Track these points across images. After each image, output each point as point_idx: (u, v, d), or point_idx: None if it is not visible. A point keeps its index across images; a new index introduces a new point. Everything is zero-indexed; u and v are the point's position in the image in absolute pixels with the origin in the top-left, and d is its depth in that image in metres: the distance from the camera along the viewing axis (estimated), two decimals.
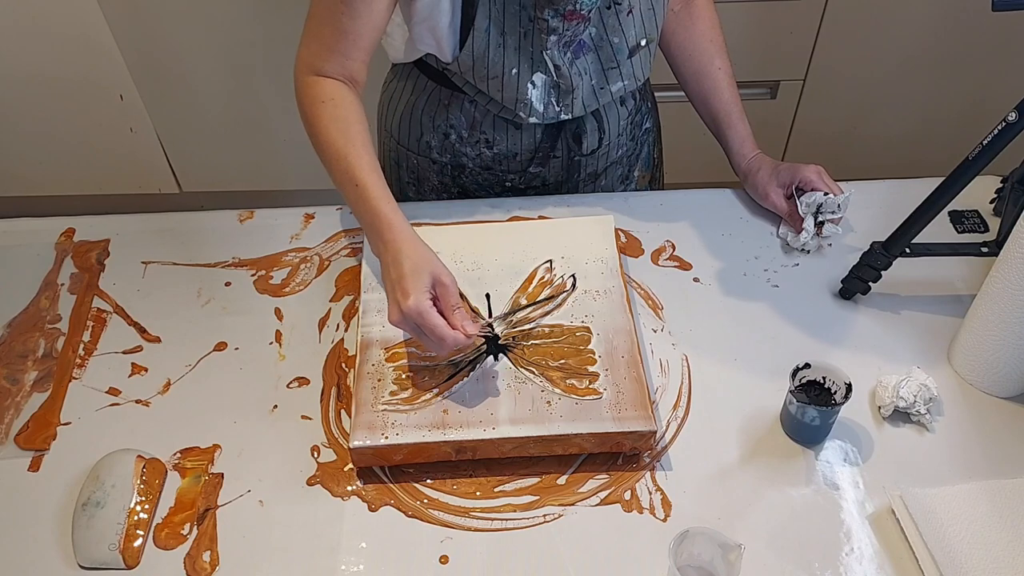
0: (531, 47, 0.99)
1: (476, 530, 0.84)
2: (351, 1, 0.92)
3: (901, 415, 0.92)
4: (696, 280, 1.06)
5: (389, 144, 1.19)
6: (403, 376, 0.91)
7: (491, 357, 0.93)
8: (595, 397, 0.89)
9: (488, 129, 1.09)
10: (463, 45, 0.98)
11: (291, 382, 0.97)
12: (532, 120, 1.06)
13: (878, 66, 1.94)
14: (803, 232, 1.06)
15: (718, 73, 1.14)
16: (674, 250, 1.10)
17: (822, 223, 1.06)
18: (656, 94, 1.26)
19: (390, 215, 0.91)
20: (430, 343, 0.86)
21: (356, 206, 0.94)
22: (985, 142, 0.88)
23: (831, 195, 1.05)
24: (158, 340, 1.01)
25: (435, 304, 0.85)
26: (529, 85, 1.02)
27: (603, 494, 0.87)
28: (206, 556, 0.83)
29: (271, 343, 1.01)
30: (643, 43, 1.04)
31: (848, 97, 2.01)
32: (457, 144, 1.12)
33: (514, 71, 1.00)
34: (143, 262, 1.10)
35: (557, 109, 1.05)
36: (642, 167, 1.25)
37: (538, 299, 0.99)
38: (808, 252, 1.08)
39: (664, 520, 0.84)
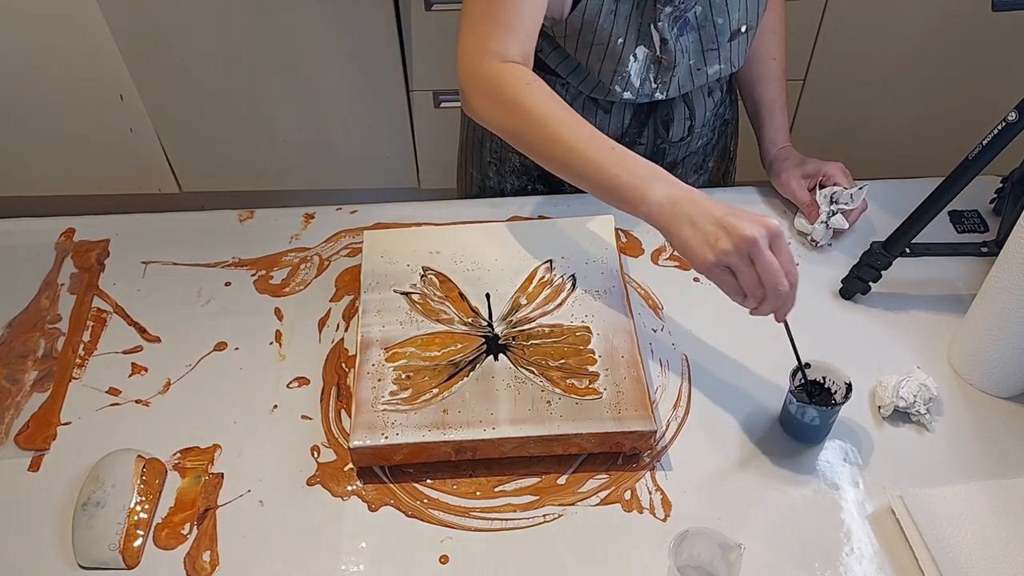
0: (641, 18, 0.98)
1: (476, 530, 0.84)
2: None
3: (901, 415, 0.92)
4: (696, 280, 1.06)
5: (472, 121, 1.16)
6: (403, 376, 0.91)
7: (491, 357, 0.93)
8: (595, 397, 0.89)
9: (576, 110, 1.08)
10: (576, 5, 0.97)
11: (291, 382, 0.97)
12: (626, 96, 1.04)
13: (878, 66, 1.95)
14: (817, 222, 1.07)
15: (772, 63, 1.15)
16: (674, 250, 1.09)
17: (833, 212, 1.06)
18: None
19: (655, 167, 0.84)
20: (755, 283, 0.78)
21: (620, 166, 0.85)
22: (985, 142, 0.88)
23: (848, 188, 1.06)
24: (158, 340, 1.01)
25: None
26: (631, 57, 1.01)
27: (603, 494, 0.87)
28: (206, 556, 0.83)
29: (271, 343, 1.01)
30: (743, 29, 1.04)
31: (848, 97, 2.01)
32: None
33: (620, 40, 1.00)
34: (143, 262, 1.10)
35: (654, 86, 1.05)
36: (717, 159, 1.26)
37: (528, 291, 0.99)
38: (818, 244, 1.09)
39: (664, 520, 0.85)
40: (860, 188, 1.06)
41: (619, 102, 1.08)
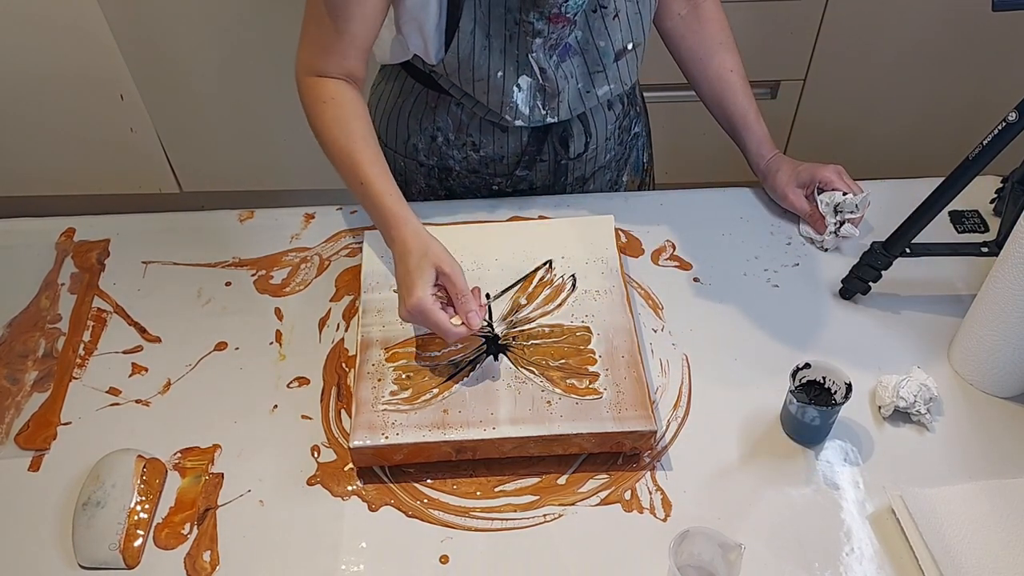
0: (516, 50, 0.98)
1: (476, 530, 0.84)
2: (345, 3, 0.92)
3: (901, 415, 0.92)
4: (696, 280, 1.06)
5: None
6: (403, 376, 0.91)
7: (491, 357, 0.93)
8: (595, 397, 0.89)
9: (475, 132, 1.09)
10: (448, 47, 0.98)
11: (291, 382, 0.97)
12: (518, 123, 1.05)
13: (878, 66, 1.94)
14: (826, 231, 1.06)
15: (730, 75, 1.13)
16: (674, 250, 1.10)
17: (841, 223, 1.06)
18: (648, 95, 1.26)
19: (395, 209, 0.92)
20: (440, 335, 0.88)
21: (364, 203, 0.95)
22: (985, 142, 0.88)
23: (850, 195, 1.05)
24: (158, 340, 1.01)
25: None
26: (515, 88, 1.02)
27: (603, 494, 0.87)
28: (206, 556, 0.83)
29: (271, 343, 1.01)
30: (629, 47, 1.03)
31: (848, 97, 2.01)
32: (444, 147, 1.12)
33: (499, 74, 1.00)
34: (143, 262, 1.10)
35: (543, 112, 1.05)
36: (631, 172, 1.25)
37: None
38: (827, 250, 1.08)
39: (664, 520, 0.85)
40: (864, 196, 1.05)
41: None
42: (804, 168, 1.09)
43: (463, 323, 0.87)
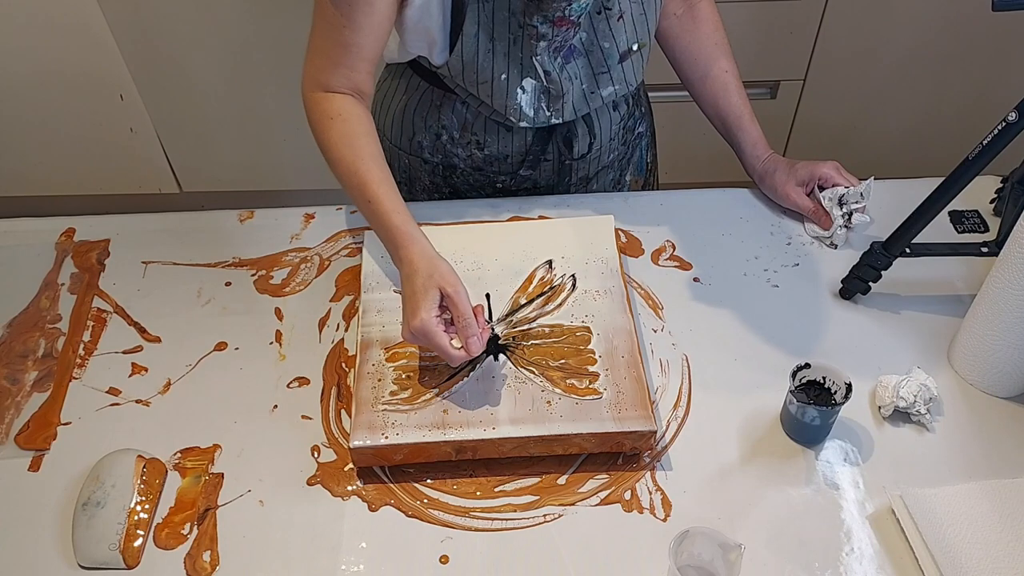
0: (520, 53, 0.99)
1: (476, 530, 0.84)
2: (352, 15, 0.92)
3: (901, 415, 0.92)
4: (696, 280, 1.06)
5: (382, 143, 1.19)
6: (403, 376, 0.91)
7: (491, 357, 0.93)
8: (595, 397, 0.89)
9: (479, 131, 1.09)
10: (452, 50, 0.98)
11: (291, 382, 0.97)
12: (523, 124, 1.06)
13: (878, 66, 1.94)
14: (834, 226, 1.06)
15: (725, 75, 1.14)
16: (674, 250, 1.10)
17: (849, 214, 1.06)
18: (652, 94, 1.26)
19: (403, 228, 0.92)
20: (441, 356, 0.88)
21: (371, 221, 0.95)
22: (985, 142, 0.88)
23: (851, 186, 1.06)
24: (158, 340, 1.01)
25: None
26: (519, 90, 1.02)
27: (603, 494, 0.87)
28: (206, 556, 0.83)
29: (271, 343, 1.01)
30: (634, 48, 1.04)
31: (848, 97, 2.01)
32: (448, 145, 1.12)
33: (503, 76, 1.00)
34: (143, 262, 1.10)
35: (548, 114, 1.05)
36: (634, 171, 1.25)
37: (532, 298, 0.99)
38: (837, 247, 1.08)
39: (664, 520, 0.85)
40: (867, 184, 1.05)
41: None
42: (801, 166, 1.09)
43: (463, 347, 0.86)
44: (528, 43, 0.98)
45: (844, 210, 1.06)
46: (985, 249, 1.01)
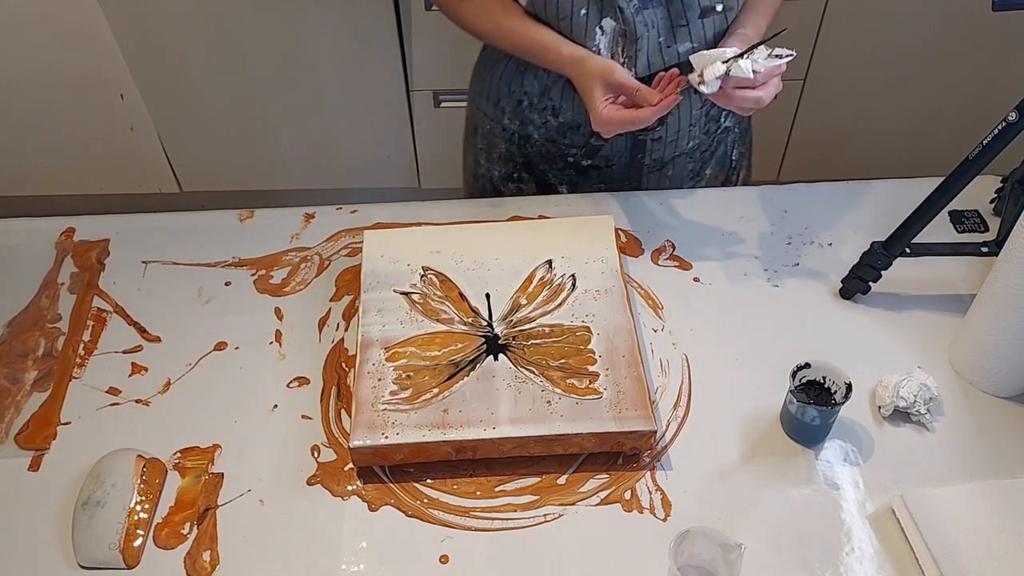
0: None
1: (476, 530, 0.84)
2: None
3: (901, 415, 0.92)
4: (696, 280, 1.06)
5: (471, 109, 1.24)
6: (403, 376, 0.91)
7: (491, 357, 0.93)
8: (595, 397, 0.89)
9: (556, 96, 1.11)
10: None
11: (291, 382, 0.97)
12: None
13: (878, 66, 1.94)
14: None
15: (740, 31, 1.03)
16: (674, 250, 1.10)
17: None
18: None
19: (558, 47, 1.01)
20: (639, 126, 0.96)
21: (538, 60, 1.05)
22: (985, 142, 0.88)
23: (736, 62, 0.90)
24: (158, 340, 1.01)
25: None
26: (598, 30, 1.02)
27: (603, 494, 0.87)
28: (206, 556, 0.83)
29: (271, 343, 1.01)
30: (718, 8, 1.03)
31: (848, 97, 2.01)
32: (527, 111, 1.14)
33: (583, 12, 1.01)
34: (143, 262, 1.10)
35: (622, 60, 1.04)
36: (716, 167, 1.23)
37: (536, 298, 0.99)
38: (707, 91, 0.92)
39: (664, 520, 0.85)
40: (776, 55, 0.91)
41: None
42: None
43: (656, 104, 0.93)
44: None
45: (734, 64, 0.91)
46: (985, 249, 1.01)
